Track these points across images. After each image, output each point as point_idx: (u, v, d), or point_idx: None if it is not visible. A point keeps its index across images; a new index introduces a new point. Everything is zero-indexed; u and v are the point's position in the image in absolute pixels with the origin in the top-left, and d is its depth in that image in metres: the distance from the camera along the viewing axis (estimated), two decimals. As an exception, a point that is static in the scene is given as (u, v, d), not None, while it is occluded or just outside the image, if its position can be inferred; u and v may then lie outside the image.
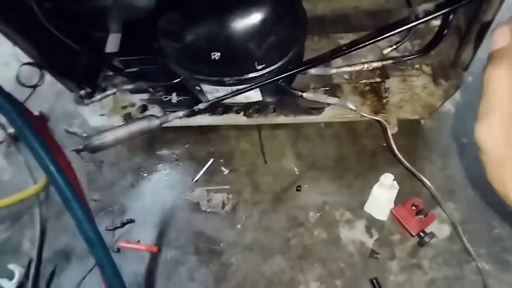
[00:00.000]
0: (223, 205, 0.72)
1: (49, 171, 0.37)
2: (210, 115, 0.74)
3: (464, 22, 0.61)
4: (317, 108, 0.70)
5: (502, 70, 0.27)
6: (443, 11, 0.50)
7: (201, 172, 0.77)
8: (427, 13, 0.71)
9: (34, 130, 0.37)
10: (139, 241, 0.72)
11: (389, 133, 0.63)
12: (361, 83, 0.71)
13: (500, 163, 0.28)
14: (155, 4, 0.60)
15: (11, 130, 0.88)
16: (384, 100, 0.69)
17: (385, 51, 0.67)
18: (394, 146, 0.64)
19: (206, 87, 0.62)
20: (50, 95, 0.94)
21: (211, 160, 0.78)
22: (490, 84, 0.28)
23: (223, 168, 0.77)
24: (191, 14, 0.53)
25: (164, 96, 0.76)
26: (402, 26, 0.57)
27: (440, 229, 0.65)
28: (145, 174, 0.81)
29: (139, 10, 0.65)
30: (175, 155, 0.82)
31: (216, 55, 0.54)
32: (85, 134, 0.87)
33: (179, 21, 0.54)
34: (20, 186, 0.82)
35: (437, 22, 0.63)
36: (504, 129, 0.27)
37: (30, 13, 0.61)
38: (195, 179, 0.77)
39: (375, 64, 0.61)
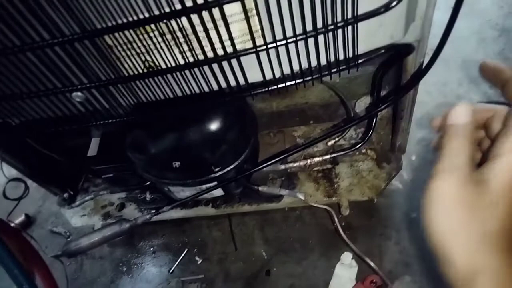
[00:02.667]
0: (197, 296, 0.76)
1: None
2: (181, 209, 0.81)
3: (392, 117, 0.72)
4: (277, 196, 0.77)
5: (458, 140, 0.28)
6: (363, 117, 0.60)
7: (176, 263, 0.82)
8: (367, 105, 0.82)
9: (9, 254, 0.44)
10: (117, 338, 0.74)
11: (336, 220, 0.69)
12: (315, 170, 0.79)
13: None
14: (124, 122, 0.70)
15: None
16: (335, 185, 0.76)
17: (330, 143, 0.76)
18: (340, 230, 0.70)
19: (172, 188, 0.70)
20: (36, 199, 1.00)
21: (185, 250, 0.84)
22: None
23: (196, 258, 0.82)
24: (152, 131, 0.62)
25: (139, 195, 0.83)
26: (342, 125, 0.66)
27: (399, 304, 0.69)
28: (125, 269, 0.85)
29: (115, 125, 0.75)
30: (152, 248, 0.87)
31: (177, 164, 0.62)
32: (68, 234, 0.93)
33: (143, 137, 0.63)
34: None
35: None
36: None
37: (19, 138, 0.70)
38: (170, 270, 0.81)
39: (316, 159, 0.69)
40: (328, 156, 0.70)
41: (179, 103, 0.45)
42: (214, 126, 0.61)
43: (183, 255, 0.83)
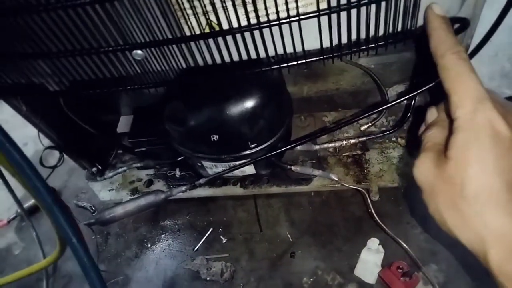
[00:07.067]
0: (222, 273, 0.77)
1: (71, 242, 0.44)
2: (209, 187, 0.82)
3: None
4: (306, 178, 0.78)
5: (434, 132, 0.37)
6: (405, 98, 0.59)
7: (201, 242, 0.82)
8: (398, 94, 0.82)
9: (61, 207, 0.44)
10: (142, 310, 0.75)
11: (369, 202, 0.70)
12: (344, 155, 0.79)
13: (433, 193, 0.34)
14: (162, 94, 0.71)
15: (26, 205, 0.95)
16: (366, 171, 0.76)
17: (363, 128, 0.77)
18: (374, 214, 0.70)
19: (206, 163, 0.70)
20: (63, 173, 1.02)
21: (210, 230, 0.84)
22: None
23: (221, 237, 0.83)
24: (192, 103, 0.63)
25: (168, 171, 0.84)
26: (377, 108, 0.66)
27: (426, 291, 0.69)
28: (149, 245, 0.86)
29: (149, 99, 0.76)
30: (177, 226, 0.88)
31: (215, 137, 0.63)
32: (94, 208, 0.94)
33: (182, 109, 0.63)
34: (29, 260, 0.87)
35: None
36: (434, 163, 0.34)
37: (55, 105, 0.71)
38: (195, 248, 0.82)
39: (352, 141, 0.70)
40: (361, 139, 0.70)
41: (234, 68, 0.45)
42: (254, 101, 0.61)
43: (208, 234, 0.84)
